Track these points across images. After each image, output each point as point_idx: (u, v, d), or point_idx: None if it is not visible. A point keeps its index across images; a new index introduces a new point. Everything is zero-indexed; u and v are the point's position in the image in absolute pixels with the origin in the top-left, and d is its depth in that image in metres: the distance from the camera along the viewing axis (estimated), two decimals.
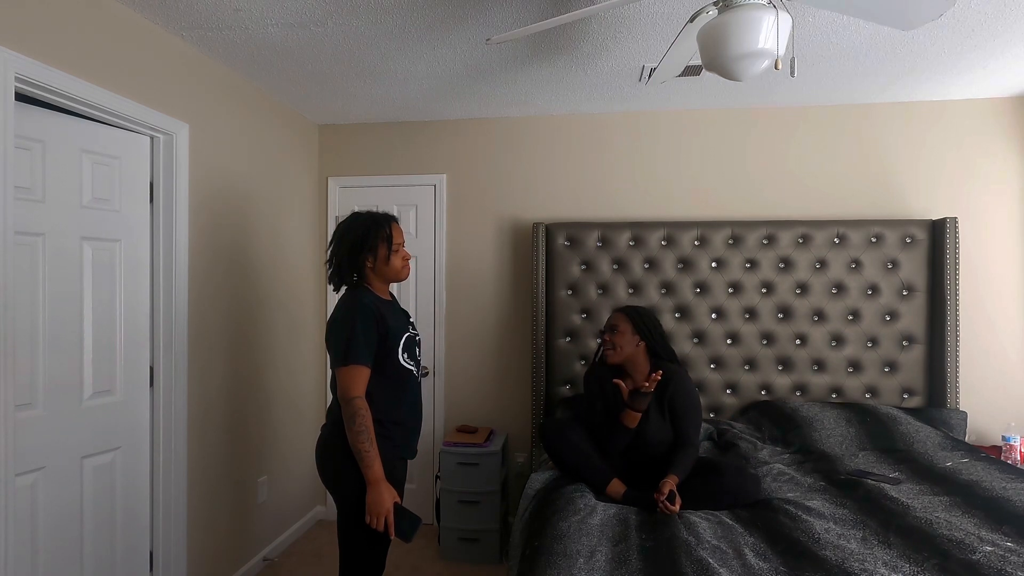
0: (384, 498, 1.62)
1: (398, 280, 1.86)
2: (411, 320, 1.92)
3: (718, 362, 2.90)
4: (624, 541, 1.59)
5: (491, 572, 2.77)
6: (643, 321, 2.15)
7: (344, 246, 1.78)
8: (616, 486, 1.97)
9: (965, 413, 2.65)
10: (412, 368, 1.82)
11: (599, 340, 2.22)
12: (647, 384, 1.99)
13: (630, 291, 2.93)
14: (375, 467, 1.62)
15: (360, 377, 1.66)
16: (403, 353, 1.77)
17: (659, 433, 2.07)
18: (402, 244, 1.85)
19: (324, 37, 2.22)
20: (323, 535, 3.17)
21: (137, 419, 2.14)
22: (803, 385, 2.86)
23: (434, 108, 3.08)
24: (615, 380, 2.07)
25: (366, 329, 1.68)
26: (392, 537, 1.63)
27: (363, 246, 1.77)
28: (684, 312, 2.91)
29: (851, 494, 1.92)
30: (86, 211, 1.94)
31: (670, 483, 1.85)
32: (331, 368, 1.71)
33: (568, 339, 2.97)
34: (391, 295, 1.91)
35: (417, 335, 1.90)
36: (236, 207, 2.63)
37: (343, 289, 1.83)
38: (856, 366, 2.83)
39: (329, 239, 1.85)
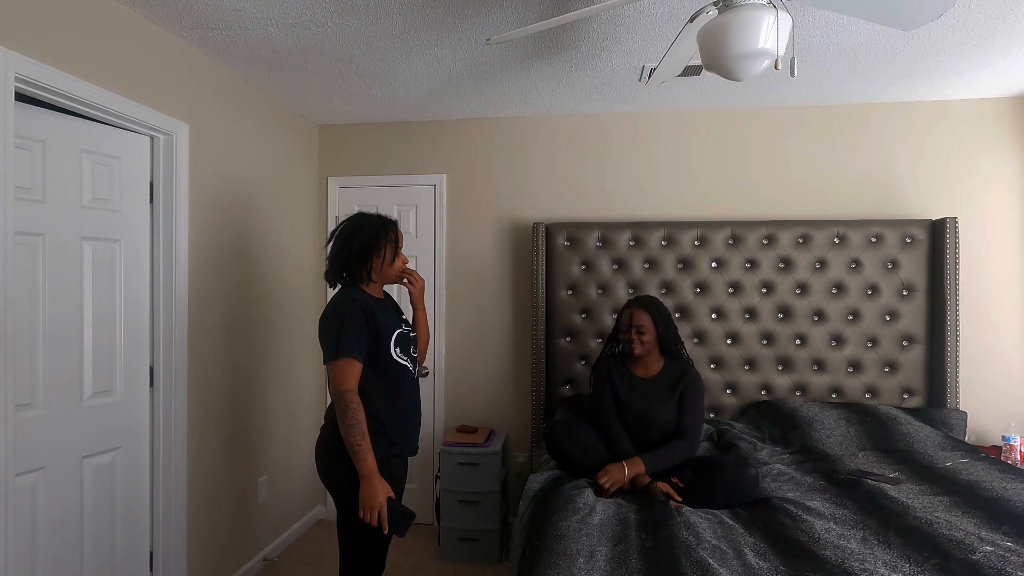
0: (377, 492, 1.62)
1: (391, 283, 1.89)
2: (404, 317, 1.93)
3: (718, 362, 2.90)
4: (624, 541, 1.58)
5: (491, 572, 2.77)
6: (661, 316, 2.23)
7: (354, 245, 1.79)
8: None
9: (965, 413, 2.65)
10: (407, 364, 1.82)
11: (620, 332, 2.25)
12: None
13: (630, 291, 2.93)
14: (368, 461, 1.63)
15: (351, 371, 1.67)
16: (396, 348, 1.78)
17: (666, 415, 2.13)
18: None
19: (324, 37, 2.22)
20: (323, 535, 3.17)
21: (137, 419, 2.14)
22: (803, 385, 2.86)
23: (434, 108, 3.08)
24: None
25: (356, 324, 1.69)
26: (386, 532, 1.63)
27: (374, 246, 1.79)
28: (684, 312, 2.91)
29: (851, 494, 1.92)
30: (86, 211, 1.94)
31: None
32: (324, 364, 1.72)
33: (568, 339, 2.97)
34: (385, 294, 1.93)
35: (412, 332, 1.91)
36: (236, 207, 2.63)
37: (338, 287, 1.84)
38: (856, 366, 2.83)
39: (329, 237, 1.86)
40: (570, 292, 2.98)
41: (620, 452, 2.09)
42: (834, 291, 2.85)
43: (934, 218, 2.84)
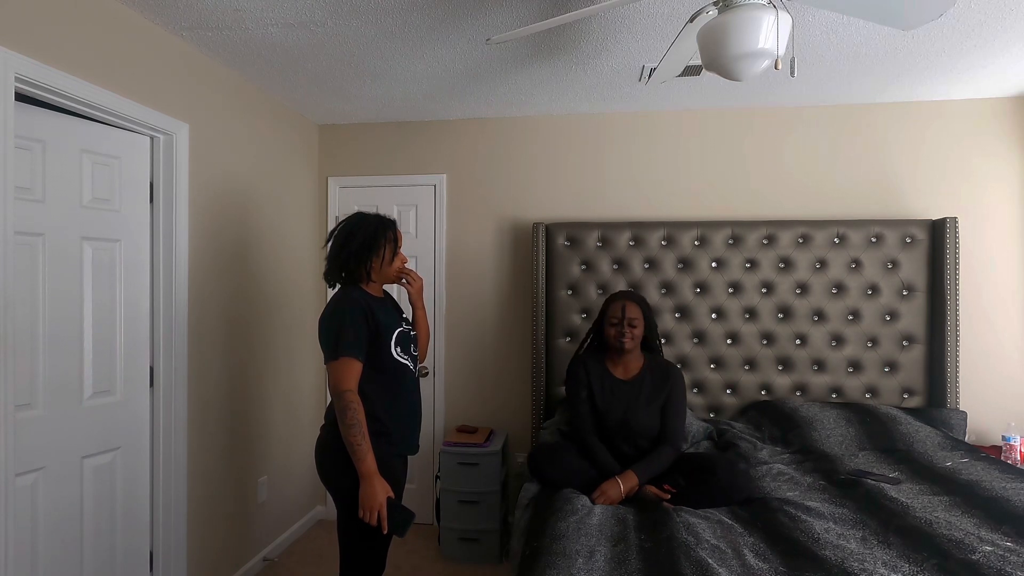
0: (377, 492, 1.62)
1: (390, 282, 1.89)
2: (404, 316, 1.93)
3: (718, 362, 2.90)
4: (623, 541, 1.59)
5: (491, 572, 2.77)
6: (650, 311, 2.24)
7: (353, 245, 1.79)
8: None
9: (965, 413, 2.65)
10: (407, 363, 1.82)
11: (608, 325, 2.21)
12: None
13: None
14: (368, 460, 1.63)
15: (351, 370, 1.67)
16: (396, 347, 1.78)
17: (648, 420, 2.12)
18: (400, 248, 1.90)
19: (324, 37, 2.22)
20: (323, 535, 3.17)
21: (137, 419, 2.14)
22: (803, 385, 2.86)
23: (434, 108, 3.08)
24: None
25: (356, 323, 1.69)
26: (385, 532, 1.63)
27: (373, 246, 1.80)
28: (684, 312, 2.91)
29: (851, 494, 1.92)
30: (86, 211, 1.94)
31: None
32: (324, 364, 1.72)
33: (568, 339, 2.97)
34: (384, 292, 1.93)
35: (412, 331, 1.91)
36: (236, 207, 2.63)
37: (337, 287, 1.85)
38: (856, 366, 2.83)
39: (328, 237, 1.86)
40: (570, 292, 2.98)
41: (604, 467, 2.05)
42: (834, 291, 2.85)
43: (934, 218, 2.83)
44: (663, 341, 2.34)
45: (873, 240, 2.82)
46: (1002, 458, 2.54)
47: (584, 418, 2.17)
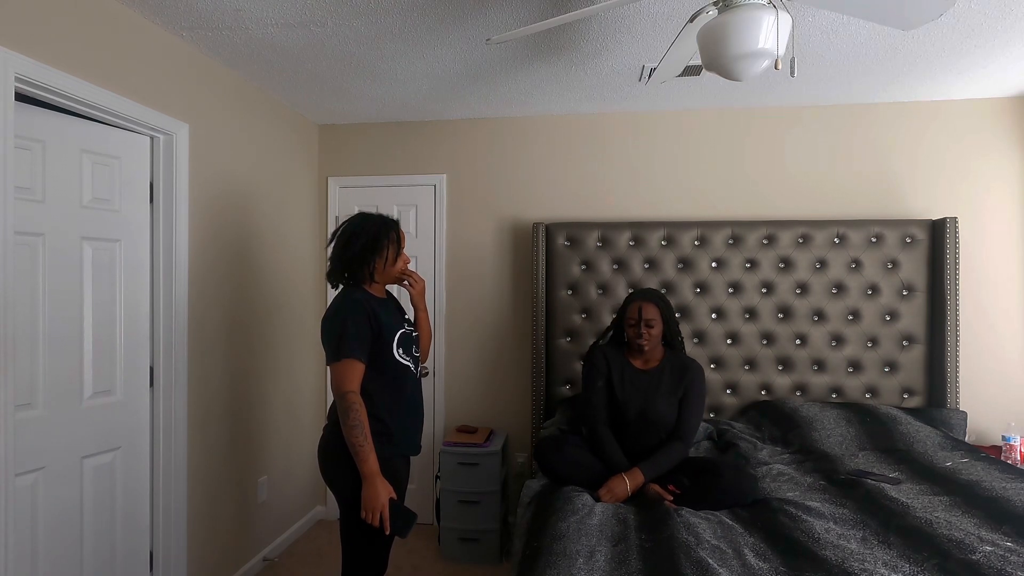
0: (379, 492, 1.62)
1: (392, 283, 1.89)
2: (407, 317, 1.93)
3: (718, 362, 2.90)
4: (623, 541, 1.59)
5: (491, 572, 2.77)
6: (669, 311, 2.21)
7: (356, 246, 1.79)
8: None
9: (965, 413, 2.65)
10: (409, 364, 1.82)
11: (627, 325, 2.20)
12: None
13: (630, 291, 2.92)
14: (370, 461, 1.63)
15: (353, 372, 1.67)
16: (398, 348, 1.78)
17: (666, 410, 2.10)
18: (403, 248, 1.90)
19: (324, 37, 2.22)
20: (323, 535, 3.17)
21: (137, 419, 2.14)
22: (803, 385, 2.86)
23: (434, 108, 3.08)
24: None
25: (358, 325, 1.69)
26: (387, 532, 1.63)
27: (376, 247, 1.79)
28: (684, 312, 2.91)
29: (851, 494, 1.92)
30: (86, 211, 1.94)
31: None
32: (326, 365, 1.72)
33: (568, 339, 2.97)
34: (387, 293, 1.93)
35: (414, 331, 1.91)
36: (236, 207, 2.63)
37: (340, 287, 1.85)
38: (856, 366, 2.83)
39: (330, 237, 1.86)
40: (570, 292, 2.98)
41: (612, 462, 2.05)
42: (834, 291, 2.85)
43: (934, 218, 2.84)
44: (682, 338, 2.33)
45: (873, 240, 2.82)
46: (1002, 458, 2.54)
47: (597, 408, 2.16)
